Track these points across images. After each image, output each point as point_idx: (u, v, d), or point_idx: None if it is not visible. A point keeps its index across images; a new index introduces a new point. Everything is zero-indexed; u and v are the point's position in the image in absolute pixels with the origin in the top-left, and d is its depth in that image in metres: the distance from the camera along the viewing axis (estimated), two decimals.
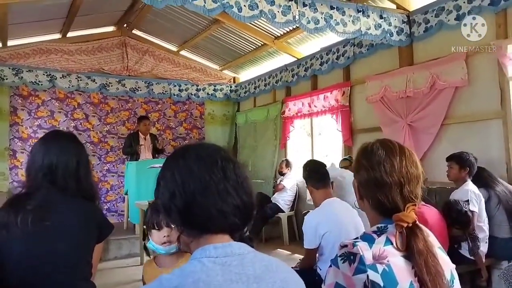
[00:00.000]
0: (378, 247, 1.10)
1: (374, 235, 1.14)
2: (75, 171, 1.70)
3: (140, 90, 7.68)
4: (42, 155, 1.68)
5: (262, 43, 6.99)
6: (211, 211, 0.90)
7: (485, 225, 3.41)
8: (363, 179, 1.22)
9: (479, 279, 3.43)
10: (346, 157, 5.41)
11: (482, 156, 3.91)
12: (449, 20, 4.30)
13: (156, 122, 8.05)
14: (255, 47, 7.30)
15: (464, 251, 3.33)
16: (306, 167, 3.00)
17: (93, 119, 7.46)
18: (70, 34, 7.24)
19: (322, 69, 6.09)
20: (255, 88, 7.90)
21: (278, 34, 6.56)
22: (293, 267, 2.80)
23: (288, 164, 6.45)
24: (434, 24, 4.47)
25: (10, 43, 6.75)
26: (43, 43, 7.00)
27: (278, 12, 3.94)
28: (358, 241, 1.12)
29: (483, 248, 3.37)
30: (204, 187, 0.91)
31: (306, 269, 2.78)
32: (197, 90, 8.22)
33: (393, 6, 4.83)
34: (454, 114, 4.35)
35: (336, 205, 2.81)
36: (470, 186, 3.46)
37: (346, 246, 1.12)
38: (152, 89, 7.78)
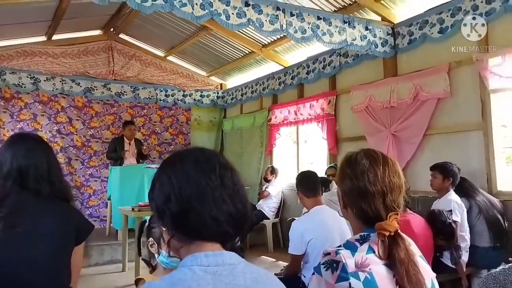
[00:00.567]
0: (361, 255, 1.11)
1: (357, 243, 1.16)
2: (47, 173, 1.65)
3: (126, 95, 7.61)
4: (10, 160, 1.62)
5: (250, 51, 7.03)
6: (205, 218, 0.89)
7: (467, 235, 3.47)
8: (347, 188, 1.24)
9: None
10: (332, 165, 5.45)
11: (463, 167, 3.99)
12: (433, 33, 4.40)
13: (142, 127, 7.99)
14: (243, 55, 7.33)
15: (446, 260, 3.38)
16: (299, 176, 3.05)
17: (77, 123, 7.36)
18: (56, 37, 7.15)
19: (309, 78, 6.15)
20: (242, 95, 7.92)
21: (266, 42, 6.61)
22: (277, 274, 2.80)
23: (274, 171, 6.47)
24: (418, 37, 4.56)
25: None
26: (28, 45, 6.90)
27: (266, 21, 3.98)
28: (341, 249, 1.13)
29: (464, 257, 3.42)
30: (201, 193, 0.89)
31: (291, 277, 2.79)
32: (184, 96, 8.19)
33: (378, 18, 4.92)
34: (437, 125, 4.44)
35: (324, 213, 2.83)
36: (453, 196, 3.52)
37: (329, 254, 1.13)
38: (138, 94, 7.72)
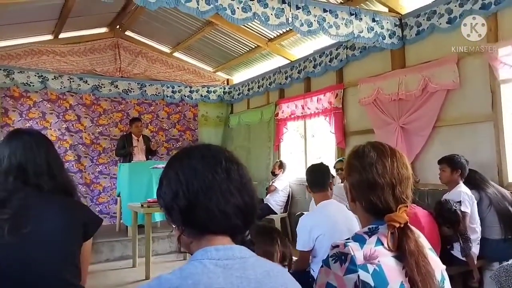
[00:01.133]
0: (369, 248, 1.11)
1: (365, 236, 1.15)
2: (46, 167, 1.62)
3: (133, 92, 7.65)
4: (8, 156, 1.59)
5: (256, 45, 7.00)
6: (214, 211, 0.90)
7: (478, 227, 3.44)
8: (355, 181, 1.24)
9: (471, 281, 3.45)
10: (341, 159, 5.42)
11: (474, 159, 3.94)
12: (441, 24, 4.33)
13: (149, 124, 8.02)
14: (249, 49, 7.31)
15: (456, 252, 3.35)
16: (309, 170, 3.02)
17: (85, 121, 7.41)
18: (62, 35, 7.19)
19: (315, 72, 6.11)
20: (249, 90, 7.90)
21: (272, 36, 6.58)
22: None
23: (281, 166, 6.46)
24: (426, 28, 4.50)
25: (1, 44, 6.70)
26: (35, 44, 6.95)
27: (272, 15, 3.95)
28: (350, 242, 1.13)
29: (475, 250, 3.39)
30: (208, 187, 0.90)
31: (300, 271, 2.78)
32: (191, 92, 8.21)
33: (386, 10, 4.86)
34: (446, 117, 4.39)
35: (332, 207, 2.80)
36: (463, 188, 3.49)
37: (338, 247, 1.13)
38: (145, 91, 7.75)
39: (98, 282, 4.49)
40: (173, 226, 0.96)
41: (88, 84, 7.21)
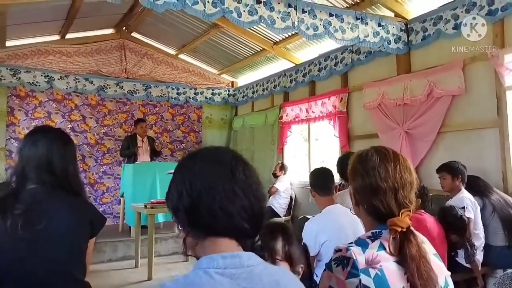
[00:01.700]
0: (372, 252, 1.11)
1: (368, 240, 1.15)
2: (46, 162, 1.64)
3: (138, 93, 7.68)
4: (18, 153, 1.68)
5: (261, 48, 7.02)
6: (216, 211, 0.88)
7: (481, 233, 3.42)
8: (358, 185, 1.24)
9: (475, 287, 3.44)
10: None
11: (478, 165, 3.93)
12: (447, 29, 4.33)
13: (154, 125, 8.05)
14: (254, 52, 7.32)
15: (461, 259, 3.33)
16: (313, 173, 2.98)
17: (90, 121, 7.45)
18: (69, 36, 7.24)
19: (320, 75, 6.12)
20: (253, 93, 7.92)
21: (277, 40, 6.59)
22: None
23: (283, 167, 6.47)
24: (432, 33, 4.50)
25: (9, 44, 6.75)
26: (42, 44, 7.00)
27: (278, 18, 3.96)
28: (352, 246, 1.13)
29: (479, 256, 3.37)
30: (210, 187, 0.89)
31: (304, 276, 2.75)
32: (195, 94, 8.23)
33: (392, 14, 4.86)
34: (451, 122, 4.37)
35: (337, 212, 2.76)
36: (466, 194, 3.48)
37: (341, 251, 1.13)
38: (150, 92, 7.78)
39: (101, 282, 4.50)
40: (180, 228, 0.95)
41: (94, 85, 7.25)
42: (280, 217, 6.22)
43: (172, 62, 8.23)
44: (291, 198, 6.50)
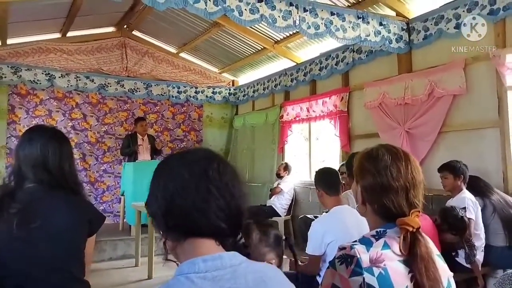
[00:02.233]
0: (376, 251, 1.11)
1: (373, 239, 1.15)
2: (41, 160, 1.65)
3: (139, 91, 7.68)
4: (14, 153, 1.71)
5: (262, 47, 7.01)
6: (190, 211, 0.87)
7: (482, 234, 3.42)
8: (368, 184, 1.22)
9: None
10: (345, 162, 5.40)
11: (479, 165, 3.92)
12: (449, 29, 4.32)
13: (154, 124, 8.04)
14: (255, 51, 7.31)
15: (461, 259, 3.33)
16: (320, 172, 2.94)
17: (91, 119, 7.44)
18: (70, 34, 7.24)
19: (321, 74, 6.11)
20: (254, 92, 7.91)
21: (278, 39, 6.58)
22: (291, 272, 2.75)
23: (287, 168, 6.46)
24: (434, 32, 4.49)
25: (10, 42, 6.75)
26: (43, 42, 6.99)
27: (279, 17, 3.95)
28: (356, 244, 1.13)
29: (479, 257, 3.37)
30: (183, 187, 0.88)
31: (307, 277, 2.71)
32: (196, 93, 8.23)
33: (393, 14, 4.86)
34: (452, 122, 4.37)
35: (345, 213, 2.74)
36: (467, 194, 3.48)
37: (344, 249, 1.13)
38: (151, 91, 7.78)
39: (101, 281, 4.50)
40: (159, 233, 0.95)
41: (95, 83, 7.25)
42: (280, 217, 6.23)
43: (173, 61, 8.22)
44: (292, 198, 6.49)
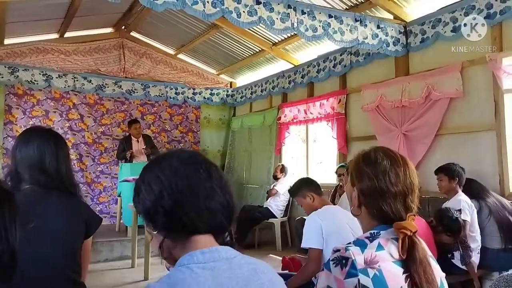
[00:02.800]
0: (370, 252, 1.11)
1: (367, 241, 1.15)
2: (37, 161, 1.64)
3: (136, 92, 7.66)
4: (11, 155, 1.72)
5: (260, 49, 7.02)
6: (201, 208, 0.91)
7: (478, 236, 3.43)
8: (366, 188, 1.22)
9: None
10: (342, 164, 5.42)
11: (475, 168, 3.94)
12: (446, 32, 4.34)
13: (152, 125, 8.03)
14: (253, 53, 7.33)
15: (457, 261, 3.34)
16: (301, 182, 2.98)
17: (88, 120, 7.42)
18: (68, 35, 7.23)
19: (319, 77, 6.12)
20: (252, 94, 7.92)
21: (276, 41, 6.60)
22: (287, 274, 2.72)
23: (283, 169, 6.47)
24: (431, 35, 4.51)
25: (7, 42, 6.73)
26: (40, 43, 6.98)
27: (277, 19, 3.97)
28: (351, 246, 1.13)
29: (475, 259, 3.38)
30: (192, 185, 0.92)
31: (304, 280, 2.61)
32: (194, 94, 8.22)
33: (391, 17, 4.88)
34: (449, 125, 4.39)
35: (337, 211, 2.78)
36: (463, 196, 3.49)
37: (339, 251, 1.13)
38: (149, 92, 7.77)
39: (97, 282, 4.48)
40: (153, 233, 0.94)
41: (92, 84, 7.23)
42: (277, 218, 6.23)
43: (171, 62, 8.22)
44: (289, 200, 6.49)
